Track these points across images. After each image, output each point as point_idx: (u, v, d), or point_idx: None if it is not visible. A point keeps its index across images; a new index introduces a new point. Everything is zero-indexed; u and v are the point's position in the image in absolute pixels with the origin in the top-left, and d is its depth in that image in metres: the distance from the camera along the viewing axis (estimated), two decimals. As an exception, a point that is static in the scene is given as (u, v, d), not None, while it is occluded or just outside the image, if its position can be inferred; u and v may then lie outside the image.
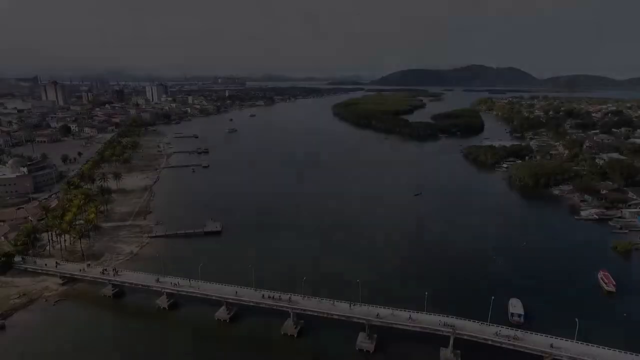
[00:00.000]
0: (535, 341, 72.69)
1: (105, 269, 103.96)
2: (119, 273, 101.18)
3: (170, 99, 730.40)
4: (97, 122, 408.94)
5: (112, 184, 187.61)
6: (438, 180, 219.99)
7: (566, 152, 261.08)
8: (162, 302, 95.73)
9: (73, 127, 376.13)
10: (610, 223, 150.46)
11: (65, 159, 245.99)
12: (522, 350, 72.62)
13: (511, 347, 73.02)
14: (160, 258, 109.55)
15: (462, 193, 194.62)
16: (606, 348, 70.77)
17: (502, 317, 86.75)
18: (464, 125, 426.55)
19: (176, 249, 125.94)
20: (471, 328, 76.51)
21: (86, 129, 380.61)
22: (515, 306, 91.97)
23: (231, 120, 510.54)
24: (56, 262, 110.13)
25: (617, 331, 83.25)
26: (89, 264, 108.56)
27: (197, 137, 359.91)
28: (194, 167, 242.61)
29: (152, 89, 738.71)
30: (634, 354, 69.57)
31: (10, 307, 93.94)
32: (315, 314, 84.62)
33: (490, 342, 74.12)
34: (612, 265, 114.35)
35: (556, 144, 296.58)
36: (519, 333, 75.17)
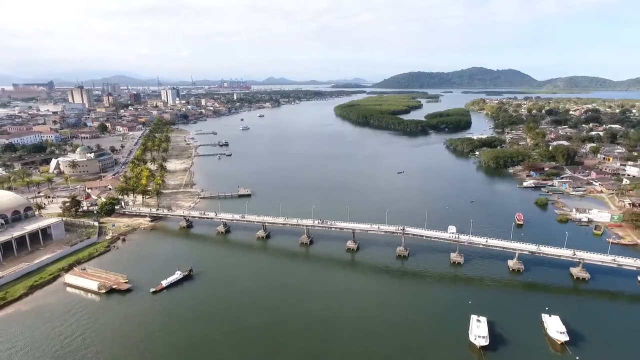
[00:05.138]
0: (447, 236, 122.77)
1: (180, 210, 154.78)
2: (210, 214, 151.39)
3: (184, 101, 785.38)
4: (126, 122, 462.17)
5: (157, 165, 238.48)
6: (420, 164, 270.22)
7: (531, 142, 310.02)
8: (220, 229, 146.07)
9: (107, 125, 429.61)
10: (543, 189, 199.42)
11: (112, 150, 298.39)
12: (441, 241, 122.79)
13: (435, 240, 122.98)
14: (214, 208, 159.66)
15: (436, 172, 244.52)
16: (492, 239, 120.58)
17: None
18: (453, 122, 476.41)
19: (221, 204, 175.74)
20: (414, 231, 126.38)
21: (118, 127, 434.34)
22: (451, 229, 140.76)
23: (242, 120, 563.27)
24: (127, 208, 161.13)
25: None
26: (168, 209, 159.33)
27: (215, 134, 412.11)
28: (220, 155, 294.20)
29: (167, 93, 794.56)
30: (509, 241, 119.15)
31: (123, 232, 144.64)
32: (320, 229, 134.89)
33: (424, 238, 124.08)
34: (527, 211, 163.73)
35: (526, 136, 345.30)
36: (442, 232, 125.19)
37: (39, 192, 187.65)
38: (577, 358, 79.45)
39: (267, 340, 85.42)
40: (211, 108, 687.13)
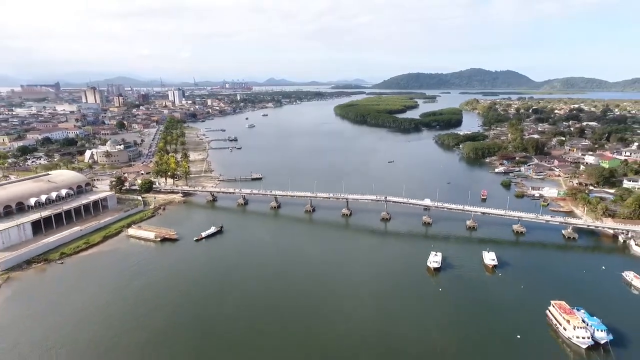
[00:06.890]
0: (420, 202, 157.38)
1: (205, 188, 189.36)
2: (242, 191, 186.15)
3: (190, 102, 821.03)
4: (141, 120, 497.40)
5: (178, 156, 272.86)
6: (409, 155, 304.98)
7: (511, 136, 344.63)
8: (240, 201, 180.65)
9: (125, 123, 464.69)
10: (511, 174, 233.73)
11: (135, 143, 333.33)
12: (416, 205, 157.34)
13: (411, 205, 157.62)
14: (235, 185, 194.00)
15: (423, 162, 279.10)
16: (454, 204, 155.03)
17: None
18: (445, 120, 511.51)
19: (238, 185, 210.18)
20: (394, 199, 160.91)
21: (133, 125, 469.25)
22: (427, 201, 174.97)
23: (247, 118, 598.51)
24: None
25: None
26: (195, 187, 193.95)
27: (224, 131, 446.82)
28: (231, 148, 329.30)
29: (174, 94, 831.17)
30: (475, 206, 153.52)
31: (162, 204, 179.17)
32: (321, 200, 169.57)
33: (402, 204, 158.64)
34: (493, 190, 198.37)
35: (507, 132, 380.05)
36: (415, 200, 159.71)
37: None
38: (500, 274, 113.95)
39: (279, 281, 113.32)
40: (217, 108, 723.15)
